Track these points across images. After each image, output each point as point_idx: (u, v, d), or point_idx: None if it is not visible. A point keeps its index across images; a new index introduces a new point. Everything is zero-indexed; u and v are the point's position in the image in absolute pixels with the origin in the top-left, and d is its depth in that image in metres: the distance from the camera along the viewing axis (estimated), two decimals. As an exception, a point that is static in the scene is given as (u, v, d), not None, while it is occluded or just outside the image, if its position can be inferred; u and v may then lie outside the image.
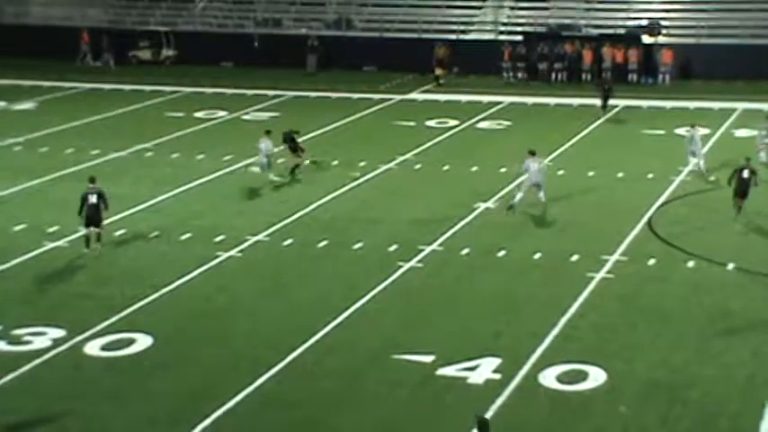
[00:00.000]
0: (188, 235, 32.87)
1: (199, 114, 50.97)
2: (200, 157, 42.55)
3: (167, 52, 64.77)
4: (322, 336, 25.40)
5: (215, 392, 22.50)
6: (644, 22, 60.57)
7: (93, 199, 30.98)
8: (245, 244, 31.96)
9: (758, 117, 46.13)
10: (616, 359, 23.80)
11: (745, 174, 33.14)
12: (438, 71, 58.51)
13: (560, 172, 39.19)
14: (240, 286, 29.02)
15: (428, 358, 24.01)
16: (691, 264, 29.80)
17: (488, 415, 21.11)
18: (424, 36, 62.28)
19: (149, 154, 43.19)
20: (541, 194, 34.19)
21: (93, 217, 30.97)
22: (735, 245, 31.15)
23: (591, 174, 39.33)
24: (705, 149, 40.47)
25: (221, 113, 51.29)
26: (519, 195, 34.43)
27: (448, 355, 23.96)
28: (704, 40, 58.98)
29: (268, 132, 38.90)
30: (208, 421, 21.36)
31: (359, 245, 31.81)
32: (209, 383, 23.08)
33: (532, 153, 34.64)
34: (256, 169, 38.52)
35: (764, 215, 33.75)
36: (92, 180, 31.58)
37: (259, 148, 38.26)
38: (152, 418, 21.66)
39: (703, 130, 43.61)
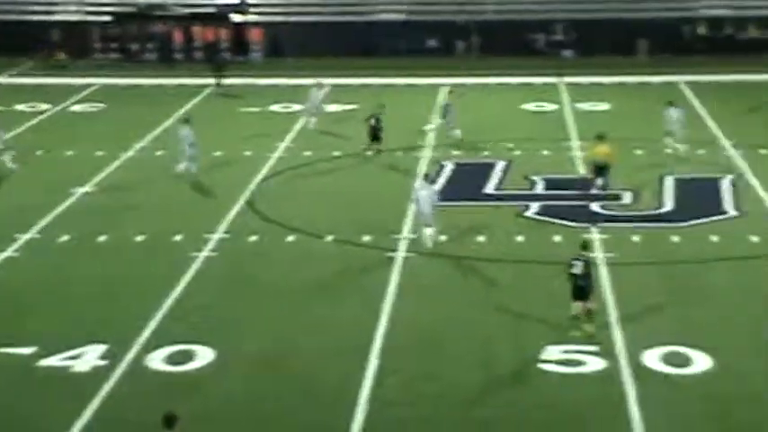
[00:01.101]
0: None
1: None
2: None
3: None
4: None
5: None
6: (234, 1, 61.14)
7: None
8: None
9: (348, 91, 47.87)
10: (223, 336, 24.02)
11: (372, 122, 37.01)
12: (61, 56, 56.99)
13: (158, 153, 39.01)
14: None
15: (28, 350, 23.30)
16: (291, 238, 30.51)
17: (95, 402, 20.88)
18: (11, 18, 59.96)
19: None
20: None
21: None
22: (330, 217, 32.15)
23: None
24: (299, 125, 41.49)
25: None
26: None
27: (51, 346, 23.35)
28: (293, 17, 60.38)
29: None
30: None
31: (-50, 237, 30.38)
32: None
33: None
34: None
35: (347, 190, 35.11)
36: None
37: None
38: None
39: (297, 106, 44.83)
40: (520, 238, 29.92)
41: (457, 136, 39.60)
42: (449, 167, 36.98)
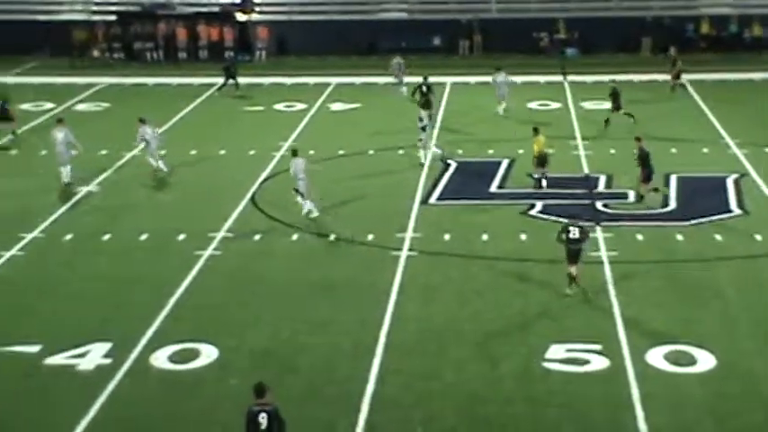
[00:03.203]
0: None
1: None
2: None
3: None
4: None
5: None
6: (237, 0, 61.14)
7: None
8: None
9: (351, 90, 47.83)
10: (227, 335, 24.07)
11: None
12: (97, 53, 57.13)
13: (163, 152, 39.02)
14: None
15: (34, 348, 23.36)
16: (295, 237, 30.53)
17: (100, 400, 20.95)
18: (16, 18, 60.03)
19: None
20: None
21: None
22: (334, 216, 32.14)
23: (193, 152, 39.42)
24: (303, 123, 41.62)
25: None
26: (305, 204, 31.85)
27: (56, 344, 23.42)
28: (296, 16, 60.39)
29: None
30: None
31: (-46, 236, 30.46)
32: None
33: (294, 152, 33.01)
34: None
35: (351, 188, 35.15)
36: None
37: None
38: None
39: (301, 105, 44.97)
40: (524, 237, 29.92)
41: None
42: (453, 166, 36.98)
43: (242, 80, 49.93)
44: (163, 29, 58.48)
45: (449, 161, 37.28)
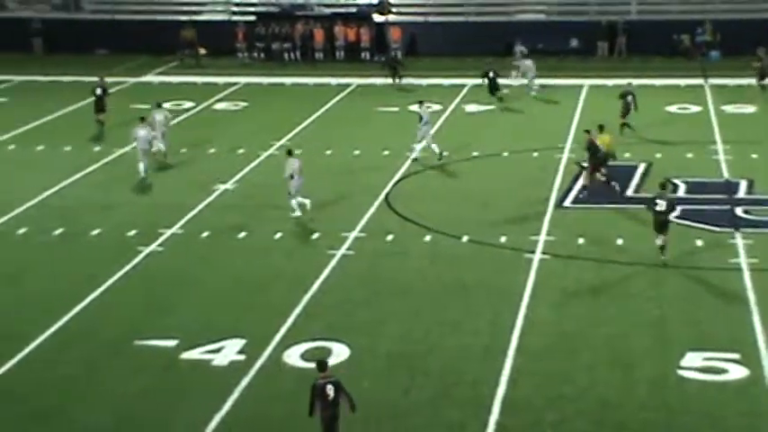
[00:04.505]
0: None
1: None
2: None
3: None
4: (61, 326, 24.80)
5: (-52, 390, 21.66)
6: (374, 1, 61.42)
7: None
8: (-24, 235, 30.85)
9: (486, 92, 47.68)
10: (358, 334, 24.18)
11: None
12: (201, 50, 58.09)
13: (298, 151, 39.38)
14: (-27, 278, 28.01)
15: (171, 343, 23.79)
16: (428, 238, 30.53)
17: (233, 396, 21.21)
18: (159, 18, 61.32)
19: None
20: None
21: None
22: (468, 218, 32.05)
23: (328, 152, 39.72)
24: (437, 125, 41.57)
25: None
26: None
27: (192, 339, 23.81)
28: (431, 18, 60.41)
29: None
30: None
31: (96, 231, 31.16)
32: (-58, 381, 22.19)
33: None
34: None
35: (485, 190, 35.00)
36: None
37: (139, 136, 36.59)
38: None
39: (436, 107, 44.98)
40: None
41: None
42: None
43: (377, 81, 50.06)
44: (300, 29, 59.06)
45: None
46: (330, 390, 18.40)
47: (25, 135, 42.68)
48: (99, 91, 42.81)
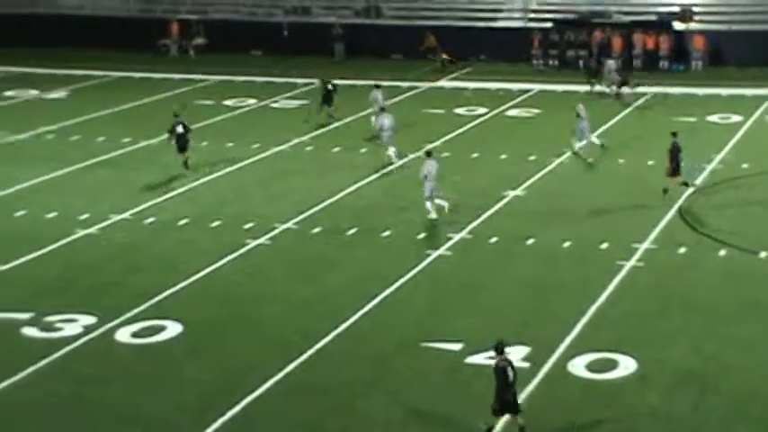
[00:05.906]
0: (218, 222, 32.96)
1: (228, 102, 51.00)
2: (230, 144, 42.64)
3: (197, 41, 64.76)
4: (352, 323, 25.47)
5: (245, 379, 22.58)
6: (675, 9, 60.10)
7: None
8: (275, 231, 32.02)
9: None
10: (646, 348, 23.70)
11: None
12: (445, 55, 58.69)
13: (590, 159, 39.04)
14: (269, 273, 29.10)
15: (457, 346, 24.00)
16: (722, 252, 29.60)
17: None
18: (454, 24, 62.09)
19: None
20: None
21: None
22: (766, 233, 30.89)
23: (621, 161, 39.13)
24: (738, 136, 40.25)
25: (251, 101, 51.33)
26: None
27: (476, 343, 23.90)
28: (736, 26, 58.49)
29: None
30: (237, 408, 21.46)
31: (388, 232, 31.80)
32: (239, 370, 23.15)
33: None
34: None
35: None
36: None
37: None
38: (183, 405, 21.75)
39: (736, 117, 43.57)
40: None
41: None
42: None
43: (675, 90, 48.87)
44: (597, 37, 58.40)
45: None
46: (510, 372, 19.59)
47: (321, 137, 44.00)
48: (330, 86, 46.18)
